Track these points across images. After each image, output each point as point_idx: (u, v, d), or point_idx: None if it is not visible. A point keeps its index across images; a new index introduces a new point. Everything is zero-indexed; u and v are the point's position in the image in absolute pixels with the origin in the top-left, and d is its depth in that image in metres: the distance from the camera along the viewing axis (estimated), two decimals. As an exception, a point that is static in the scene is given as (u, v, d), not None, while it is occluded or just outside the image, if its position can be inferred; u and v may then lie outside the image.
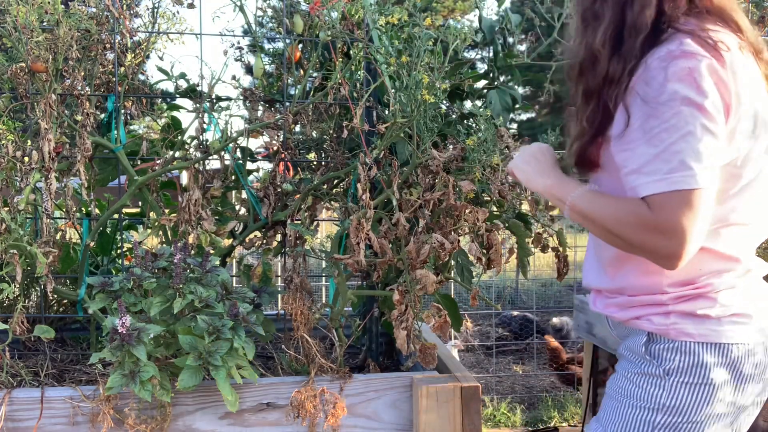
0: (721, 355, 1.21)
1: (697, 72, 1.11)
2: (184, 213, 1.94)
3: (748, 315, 1.22)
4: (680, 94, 1.11)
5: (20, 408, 1.65)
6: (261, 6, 2.15)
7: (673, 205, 1.10)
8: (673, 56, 1.13)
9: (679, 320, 1.23)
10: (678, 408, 1.22)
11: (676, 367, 1.22)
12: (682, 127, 1.11)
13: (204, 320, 1.60)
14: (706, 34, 1.15)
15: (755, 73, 1.21)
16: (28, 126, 2.08)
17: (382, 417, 1.78)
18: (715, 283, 1.22)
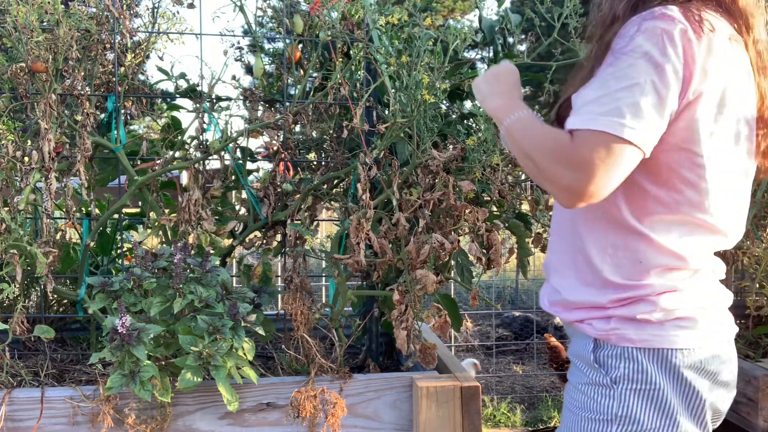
0: (663, 361, 1.16)
1: (668, 34, 1.08)
2: (184, 213, 1.94)
3: (693, 319, 1.17)
4: (643, 48, 1.08)
5: (20, 408, 1.65)
6: (261, 6, 2.15)
7: (593, 143, 1.07)
8: (652, 15, 1.11)
9: (620, 325, 1.18)
10: (630, 417, 1.17)
11: (622, 374, 1.18)
12: (632, 78, 1.08)
13: (204, 320, 1.60)
14: (696, 10, 1.13)
15: (739, 65, 1.17)
16: (28, 126, 2.08)
17: (382, 417, 1.78)
18: (656, 285, 1.17)
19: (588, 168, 1.06)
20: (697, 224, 1.17)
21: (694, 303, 1.18)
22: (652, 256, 1.16)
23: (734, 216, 1.21)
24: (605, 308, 1.20)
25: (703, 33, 1.10)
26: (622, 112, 1.06)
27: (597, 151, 1.06)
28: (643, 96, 1.07)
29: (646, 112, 1.07)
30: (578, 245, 1.24)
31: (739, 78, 1.16)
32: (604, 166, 1.06)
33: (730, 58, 1.14)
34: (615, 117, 1.06)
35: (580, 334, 1.26)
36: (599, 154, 1.06)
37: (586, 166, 1.07)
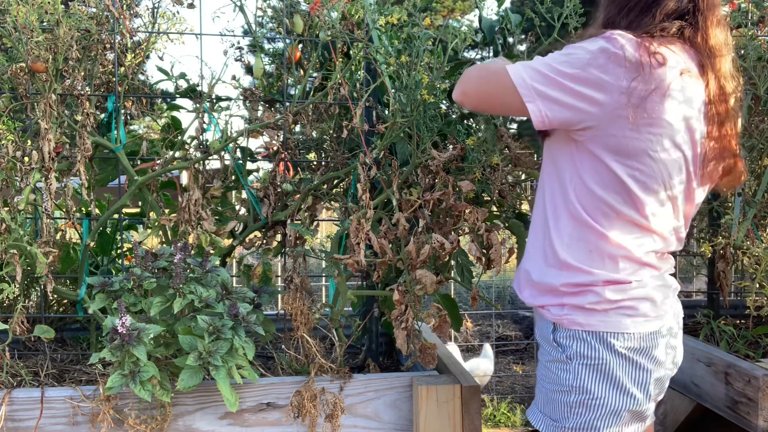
0: (607, 342, 1.36)
1: (603, 51, 1.27)
2: (184, 213, 1.94)
3: (634, 308, 1.37)
4: (584, 51, 1.29)
5: (20, 408, 1.65)
6: (261, 6, 2.15)
7: (497, 73, 1.36)
8: (603, 35, 1.31)
9: (571, 312, 1.39)
10: (583, 387, 1.39)
11: (575, 352, 1.39)
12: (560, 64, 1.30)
13: (204, 320, 1.60)
14: (656, 44, 1.30)
15: (685, 98, 1.32)
16: (28, 126, 2.08)
17: (382, 417, 1.78)
18: (602, 274, 1.37)
19: (480, 80, 1.40)
20: (639, 225, 1.36)
21: (636, 294, 1.37)
22: (602, 246, 1.37)
23: (670, 225, 1.40)
24: (560, 295, 1.41)
25: (651, 65, 1.26)
26: (528, 71, 1.33)
27: (495, 77, 1.37)
28: (553, 74, 1.30)
29: (544, 84, 1.30)
30: (546, 234, 1.45)
31: (685, 109, 1.32)
32: (489, 88, 1.39)
33: (678, 90, 1.30)
34: (523, 70, 1.33)
35: (543, 319, 1.47)
36: (493, 80, 1.38)
37: (481, 79, 1.41)
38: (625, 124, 1.28)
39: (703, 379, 1.97)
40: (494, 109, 1.56)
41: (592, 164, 1.35)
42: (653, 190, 1.34)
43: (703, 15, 1.36)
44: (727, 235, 2.19)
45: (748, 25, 2.19)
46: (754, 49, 2.02)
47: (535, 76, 1.32)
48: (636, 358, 1.37)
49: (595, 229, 1.36)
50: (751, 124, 2.21)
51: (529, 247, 1.52)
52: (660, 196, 1.36)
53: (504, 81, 1.34)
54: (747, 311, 2.09)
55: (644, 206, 1.35)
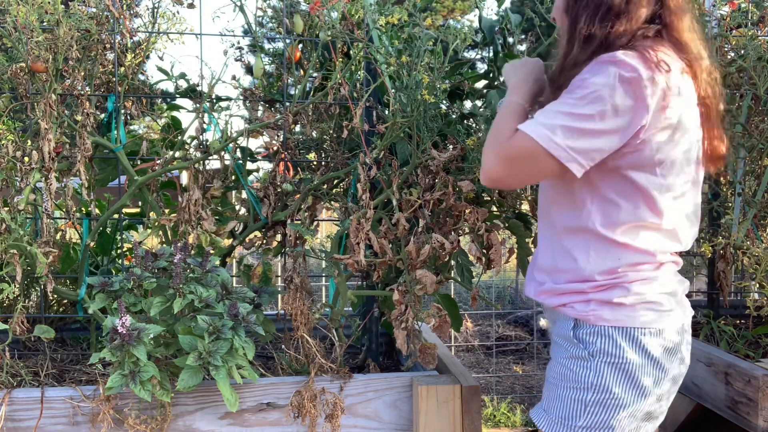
0: (634, 338, 1.34)
1: (622, 79, 1.25)
2: (184, 213, 1.94)
3: (659, 302, 1.36)
4: (599, 85, 1.25)
5: (20, 408, 1.65)
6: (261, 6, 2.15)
7: (522, 145, 1.29)
8: (611, 59, 1.27)
9: (598, 307, 1.37)
10: (603, 386, 1.36)
11: (598, 349, 1.36)
12: (580, 108, 1.26)
13: (204, 320, 1.60)
14: (653, 52, 1.29)
15: (689, 95, 1.34)
16: (28, 126, 2.08)
17: (382, 417, 1.78)
18: (630, 275, 1.36)
19: (507, 161, 1.32)
20: (657, 228, 1.36)
21: (659, 289, 1.37)
22: (628, 255, 1.36)
23: (686, 223, 1.40)
24: (585, 293, 1.39)
25: (660, 74, 1.26)
26: (555, 129, 1.26)
27: (520, 152, 1.30)
28: (581, 123, 1.26)
29: (579, 139, 1.26)
30: (566, 249, 1.42)
31: (689, 106, 1.34)
32: (520, 166, 1.31)
33: (683, 90, 1.31)
34: (547, 130, 1.27)
35: (562, 317, 1.44)
36: (520, 155, 1.30)
37: (505, 158, 1.32)
38: (646, 136, 1.29)
39: (703, 379, 1.97)
40: (531, 180, 1.49)
41: (609, 176, 1.34)
42: (670, 193, 1.35)
43: (676, 15, 1.36)
44: (727, 235, 2.19)
45: (748, 25, 2.19)
46: (754, 49, 2.02)
47: (565, 133, 1.26)
48: (662, 357, 1.36)
49: (619, 242, 1.35)
50: (751, 124, 2.21)
51: (541, 263, 1.50)
52: (676, 196, 1.36)
53: (532, 150, 1.27)
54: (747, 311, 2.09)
55: (663, 210, 1.35)
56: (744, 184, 2.22)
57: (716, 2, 2.17)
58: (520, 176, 1.36)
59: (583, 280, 1.39)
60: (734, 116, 2.13)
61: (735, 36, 2.22)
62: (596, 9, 1.34)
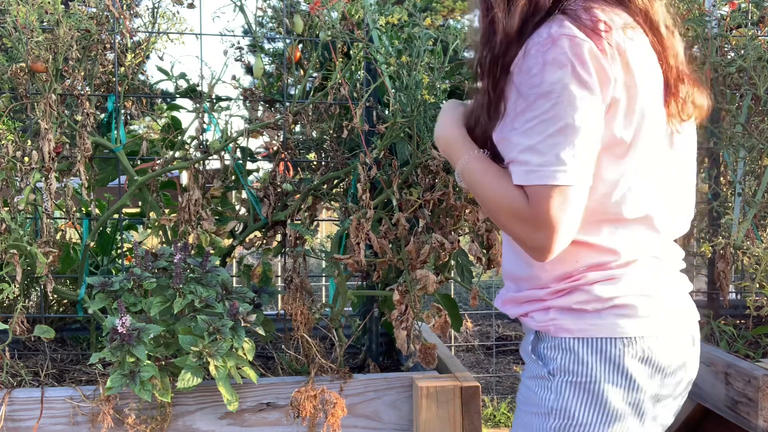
0: (603, 351, 1.14)
1: (578, 58, 1.06)
2: (184, 213, 1.94)
3: (632, 306, 1.14)
4: (560, 83, 1.06)
5: (20, 408, 1.65)
6: (261, 6, 2.15)
7: (545, 198, 1.07)
8: (551, 41, 1.07)
9: (558, 316, 1.17)
10: (564, 410, 1.15)
11: (559, 366, 1.16)
12: (560, 119, 1.06)
13: (204, 320, 1.60)
14: (587, 15, 1.09)
15: (640, 53, 1.13)
16: (28, 126, 2.08)
17: (382, 417, 1.78)
18: (590, 276, 1.15)
19: (550, 225, 1.07)
20: (621, 220, 1.15)
21: (632, 290, 1.15)
22: (587, 255, 1.16)
23: (663, 207, 1.19)
24: (543, 300, 1.20)
25: (602, 41, 1.07)
26: (562, 159, 1.06)
27: (553, 206, 1.07)
28: (576, 135, 1.06)
29: (580, 150, 1.06)
30: (521, 253, 1.23)
31: (644, 65, 1.13)
32: (562, 217, 1.07)
33: (631, 50, 1.11)
34: (556, 166, 1.06)
35: (527, 329, 1.27)
36: (555, 208, 1.07)
37: (547, 223, 1.07)
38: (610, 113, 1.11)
39: (703, 379, 1.97)
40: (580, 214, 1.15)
41: None
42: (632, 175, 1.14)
43: None
44: (727, 235, 2.19)
45: (748, 25, 2.19)
46: (754, 49, 2.02)
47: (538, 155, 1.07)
48: (635, 370, 1.14)
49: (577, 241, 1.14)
50: (751, 124, 2.21)
51: (506, 268, 1.33)
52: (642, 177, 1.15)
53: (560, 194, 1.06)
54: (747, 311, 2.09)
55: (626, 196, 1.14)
56: (744, 184, 2.22)
57: (716, 2, 2.17)
58: (567, 227, 1.08)
59: (541, 286, 1.21)
60: (734, 116, 2.13)
61: (735, 36, 2.22)
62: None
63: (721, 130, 2.19)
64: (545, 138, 1.07)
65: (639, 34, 1.14)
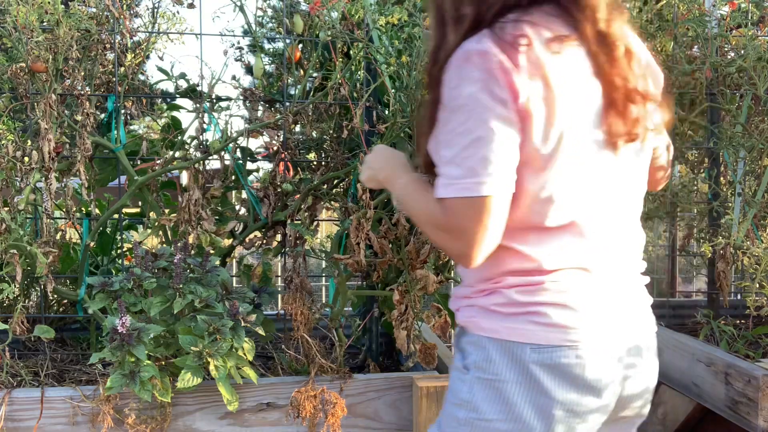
0: (511, 353, 1.16)
1: (488, 73, 1.09)
2: (184, 213, 1.94)
3: (547, 315, 1.15)
4: (473, 97, 1.09)
5: (20, 408, 1.65)
6: (261, 6, 2.15)
7: (461, 210, 1.11)
8: (466, 57, 1.11)
9: (477, 314, 1.22)
10: (473, 404, 1.19)
11: (473, 361, 1.21)
12: (473, 131, 1.10)
13: (204, 320, 1.60)
14: (513, 29, 1.11)
15: (567, 66, 1.13)
16: (28, 126, 2.08)
17: (382, 417, 1.78)
18: (509, 280, 1.18)
19: (467, 235, 1.12)
20: (547, 228, 1.17)
21: (549, 299, 1.16)
22: (510, 260, 1.19)
23: (595, 215, 1.19)
24: (470, 298, 1.25)
25: (519, 57, 1.09)
26: (475, 171, 1.09)
27: (468, 217, 1.11)
28: (488, 145, 1.09)
29: (495, 160, 1.09)
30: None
31: (569, 79, 1.13)
32: (478, 228, 1.11)
33: (553, 65, 1.12)
34: (470, 178, 1.10)
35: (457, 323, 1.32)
36: (471, 220, 1.11)
37: (464, 233, 1.12)
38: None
39: (703, 379, 1.97)
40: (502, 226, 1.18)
41: None
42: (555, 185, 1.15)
43: None
44: (727, 235, 2.19)
45: (748, 25, 2.19)
46: (754, 49, 2.02)
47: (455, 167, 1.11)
48: (543, 377, 1.14)
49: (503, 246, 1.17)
50: (751, 124, 2.21)
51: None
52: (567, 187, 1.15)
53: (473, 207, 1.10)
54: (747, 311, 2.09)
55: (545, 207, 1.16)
56: (744, 184, 2.22)
57: (716, 2, 2.17)
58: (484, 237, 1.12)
59: (469, 285, 1.26)
60: (734, 116, 2.13)
61: (735, 36, 2.22)
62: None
63: (721, 130, 2.19)
64: (461, 150, 1.11)
65: (572, 49, 1.14)
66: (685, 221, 2.58)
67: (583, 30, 1.14)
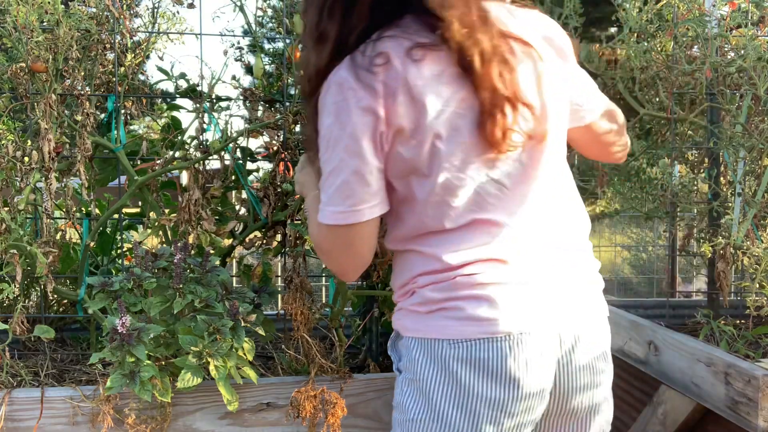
0: (431, 351, 1.17)
1: (344, 102, 1.12)
2: (184, 213, 1.94)
3: (460, 308, 1.15)
4: (329, 129, 1.14)
5: (20, 408, 1.65)
6: (261, 6, 2.15)
7: (328, 235, 1.20)
8: (328, 86, 1.15)
9: (402, 316, 1.25)
10: (403, 405, 1.21)
11: (404, 363, 1.24)
12: (331, 162, 1.15)
13: (204, 320, 1.60)
14: (371, 50, 1.13)
15: (434, 71, 1.12)
16: (28, 126, 2.08)
17: (383, 417, 1.78)
18: (421, 280, 1.20)
19: (332, 256, 1.24)
20: (447, 230, 1.19)
21: (461, 294, 1.16)
22: (419, 263, 1.21)
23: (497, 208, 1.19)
24: (397, 302, 1.28)
25: (373, 75, 1.10)
26: (334, 200, 1.16)
27: (332, 242, 1.21)
28: (342, 176, 1.14)
29: (349, 190, 1.15)
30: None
31: (434, 85, 1.12)
32: (341, 251, 1.21)
33: (415, 74, 1.11)
34: (329, 207, 1.17)
35: None
36: (334, 244, 1.21)
37: (330, 256, 1.24)
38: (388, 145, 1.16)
39: (703, 379, 1.97)
40: (364, 251, 1.24)
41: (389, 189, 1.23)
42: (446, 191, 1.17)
43: None
44: (727, 235, 2.19)
45: (748, 25, 2.19)
46: (754, 49, 2.02)
47: (324, 194, 1.17)
48: (463, 372, 1.13)
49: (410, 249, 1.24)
50: (751, 124, 2.21)
51: None
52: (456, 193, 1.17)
53: (336, 233, 1.18)
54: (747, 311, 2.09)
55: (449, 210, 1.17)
56: (744, 184, 2.22)
57: (716, 2, 2.17)
58: (347, 260, 1.23)
59: (395, 290, 1.29)
60: (734, 116, 2.13)
61: (735, 36, 2.22)
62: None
63: (721, 130, 2.19)
64: (326, 179, 1.18)
65: (436, 55, 1.13)
66: (685, 221, 2.58)
67: (444, 39, 1.12)
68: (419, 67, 1.12)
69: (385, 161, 1.16)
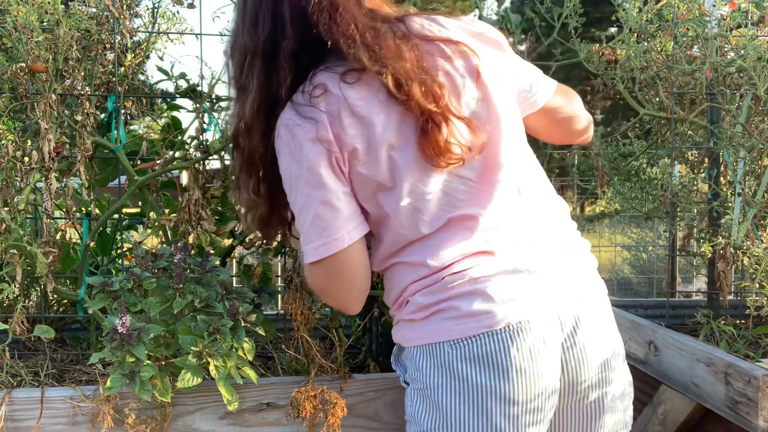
0: (434, 356, 1.16)
1: (294, 142, 1.16)
2: (184, 213, 1.94)
3: (455, 308, 1.15)
4: (287, 170, 1.17)
5: (20, 408, 1.65)
6: (261, 6, 2.14)
7: (316, 273, 1.21)
8: (278, 131, 1.18)
9: (401, 328, 1.25)
10: (416, 417, 1.20)
11: (410, 374, 1.23)
12: (297, 202, 1.18)
13: (204, 320, 1.60)
14: (309, 86, 1.17)
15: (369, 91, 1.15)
16: (28, 126, 2.08)
17: (383, 417, 1.78)
18: (411, 288, 1.21)
19: (330, 292, 1.25)
20: (425, 236, 1.20)
21: (451, 293, 1.16)
22: (406, 272, 1.23)
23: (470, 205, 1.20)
24: (394, 315, 1.29)
25: (314, 108, 1.14)
26: (310, 237, 1.18)
27: (317, 279, 1.22)
28: (311, 212, 1.16)
29: (322, 223, 1.16)
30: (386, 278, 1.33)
31: (372, 104, 1.16)
32: (332, 284, 1.22)
33: (354, 96, 1.15)
34: (308, 245, 1.18)
35: None
36: (321, 281, 1.22)
37: (323, 294, 1.26)
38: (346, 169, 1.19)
39: (703, 379, 1.97)
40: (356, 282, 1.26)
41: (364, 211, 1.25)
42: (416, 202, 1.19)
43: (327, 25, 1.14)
44: (727, 235, 2.19)
45: (748, 25, 2.19)
46: (754, 49, 2.02)
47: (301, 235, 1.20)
48: (468, 371, 1.12)
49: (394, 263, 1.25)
50: (751, 124, 2.21)
51: None
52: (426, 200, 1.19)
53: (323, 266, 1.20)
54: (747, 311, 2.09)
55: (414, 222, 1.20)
56: (744, 184, 2.22)
57: (716, 2, 2.17)
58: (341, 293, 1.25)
59: (390, 304, 1.30)
60: (734, 116, 2.13)
61: (735, 36, 2.22)
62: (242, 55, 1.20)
63: (721, 130, 2.19)
64: (299, 218, 1.20)
65: (368, 78, 1.16)
66: (685, 221, 2.58)
67: (364, 67, 1.14)
68: (356, 89, 1.16)
69: (350, 184, 1.19)
